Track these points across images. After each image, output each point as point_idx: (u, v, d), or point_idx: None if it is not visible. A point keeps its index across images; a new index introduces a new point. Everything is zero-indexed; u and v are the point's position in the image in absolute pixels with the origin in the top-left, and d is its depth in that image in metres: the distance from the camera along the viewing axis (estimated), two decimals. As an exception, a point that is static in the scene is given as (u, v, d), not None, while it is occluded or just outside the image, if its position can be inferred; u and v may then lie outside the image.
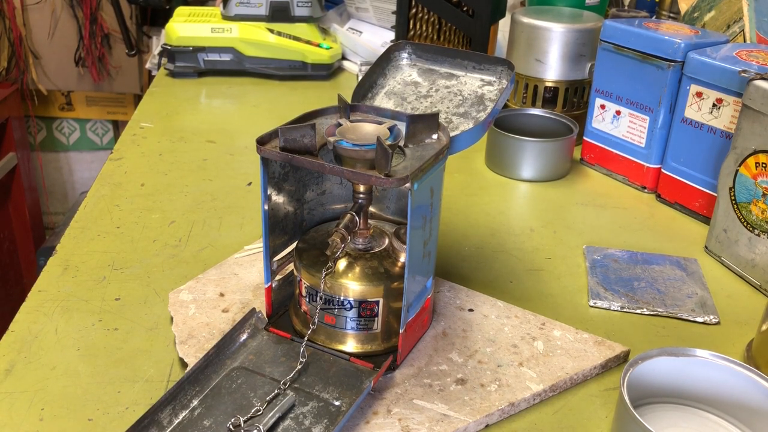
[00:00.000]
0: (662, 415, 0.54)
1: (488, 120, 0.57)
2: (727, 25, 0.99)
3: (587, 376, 0.57)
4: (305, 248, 0.58)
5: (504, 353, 0.58)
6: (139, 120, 1.06)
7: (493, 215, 0.83)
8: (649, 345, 0.62)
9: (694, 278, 0.71)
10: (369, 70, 0.64)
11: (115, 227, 0.76)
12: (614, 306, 0.66)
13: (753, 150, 0.70)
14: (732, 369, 0.51)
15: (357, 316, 0.55)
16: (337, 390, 0.51)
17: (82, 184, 2.30)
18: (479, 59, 0.63)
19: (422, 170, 0.49)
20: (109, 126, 2.40)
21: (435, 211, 0.55)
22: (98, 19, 2.20)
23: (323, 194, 0.63)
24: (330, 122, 0.55)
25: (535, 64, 1.00)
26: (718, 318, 0.65)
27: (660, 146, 0.88)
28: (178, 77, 1.26)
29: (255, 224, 0.78)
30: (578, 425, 0.53)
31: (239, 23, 1.25)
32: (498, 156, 0.94)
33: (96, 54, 2.24)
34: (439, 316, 0.62)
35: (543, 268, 0.73)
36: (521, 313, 0.63)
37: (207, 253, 0.72)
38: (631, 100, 0.89)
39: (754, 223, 0.70)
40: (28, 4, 2.17)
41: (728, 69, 0.76)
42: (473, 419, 0.51)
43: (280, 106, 1.16)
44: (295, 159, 0.50)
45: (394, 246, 0.57)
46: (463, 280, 0.68)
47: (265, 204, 0.55)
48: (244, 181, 0.87)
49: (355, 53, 1.36)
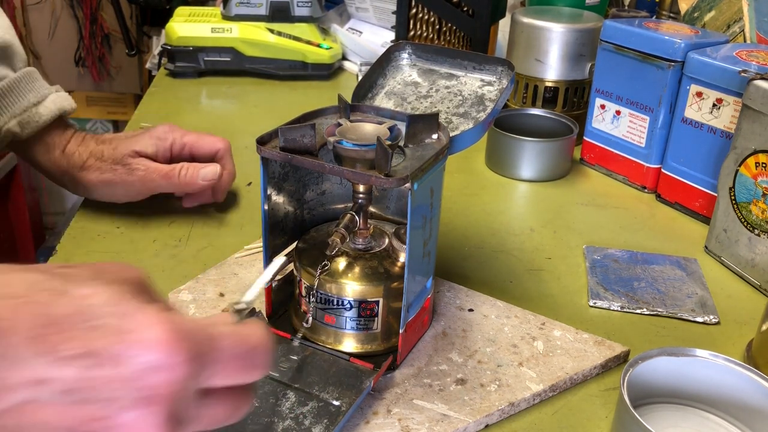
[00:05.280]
0: (662, 415, 0.54)
1: (488, 120, 0.57)
2: (727, 25, 0.99)
3: (587, 376, 0.57)
4: (305, 248, 0.58)
5: (504, 353, 0.58)
6: (139, 120, 1.06)
7: (493, 215, 0.83)
8: (649, 345, 0.62)
9: (694, 278, 0.71)
10: (369, 70, 0.64)
11: (115, 227, 0.76)
12: (614, 306, 0.66)
13: (753, 150, 0.70)
14: (732, 369, 0.51)
15: (357, 316, 0.55)
16: (337, 390, 0.51)
17: (82, 184, 2.29)
18: (479, 59, 0.63)
19: (422, 170, 0.49)
20: (109, 126, 2.40)
21: (435, 211, 0.55)
22: (98, 19, 2.20)
23: (323, 194, 0.63)
24: (330, 122, 0.55)
25: (535, 64, 1.00)
26: (718, 318, 0.65)
27: (660, 146, 0.88)
28: (178, 77, 1.26)
29: (255, 224, 0.78)
30: (578, 425, 0.53)
31: (239, 23, 1.25)
32: (498, 156, 0.94)
33: (96, 54, 2.24)
34: (439, 316, 0.62)
35: (543, 268, 0.73)
36: (521, 313, 0.63)
37: (207, 253, 0.72)
38: (631, 100, 0.89)
39: (754, 223, 0.70)
40: (28, 4, 2.17)
41: (728, 69, 0.76)
42: (473, 419, 0.51)
43: (280, 106, 1.16)
44: (295, 159, 0.50)
45: (394, 246, 0.57)
46: (463, 280, 0.68)
47: (265, 204, 0.55)
48: (244, 181, 0.87)
49: (355, 53, 1.36)
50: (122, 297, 0.32)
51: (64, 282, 0.32)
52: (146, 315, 0.32)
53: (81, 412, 0.31)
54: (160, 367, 0.31)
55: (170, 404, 0.32)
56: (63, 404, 0.30)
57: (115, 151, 0.74)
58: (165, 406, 0.32)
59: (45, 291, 0.31)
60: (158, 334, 0.31)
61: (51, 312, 0.30)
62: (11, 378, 0.29)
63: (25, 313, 0.30)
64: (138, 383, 0.31)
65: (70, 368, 0.30)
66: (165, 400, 0.32)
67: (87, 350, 0.30)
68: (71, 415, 0.31)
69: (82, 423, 0.31)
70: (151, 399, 0.31)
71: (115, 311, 0.32)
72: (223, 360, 0.34)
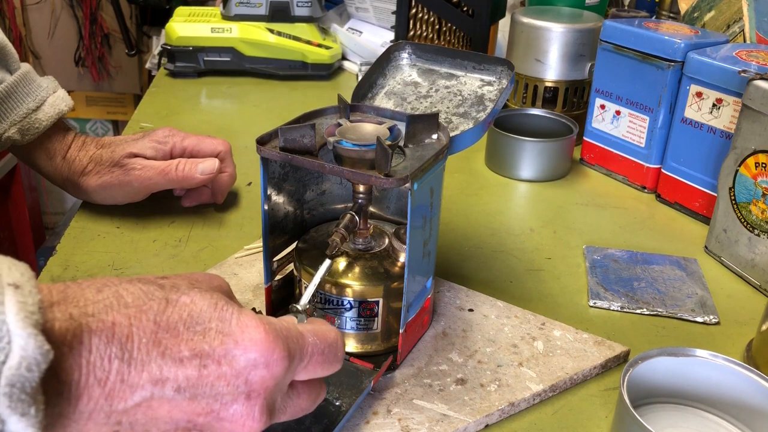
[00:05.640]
0: (662, 415, 0.54)
1: (488, 120, 0.57)
2: (727, 25, 0.99)
3: (587, 376, 0.57)
4: (305, 248, 0.58)
5: (504, 353, 0.58)
6: (139, 120, 1.06)
7: (493, 215, 0.83)
8: (649, 345, 0.62)
9: (694, 278, 0.71)
10: (369, 70, 0.64)
11: (115, 227, 0.76)
12: (614, 306, 0.66)
13: (753, 150, 0.70)
14: (732, 369, 0.51)
15: (357, 316, 0.55)
16: (337, 390, 0.51)
17: (82, 184, 2.29)
18: (479, 59, 0.63)
19: (422, 170, 0.49)
20: (109, 126, 2.40)
21: (435, 211, 0.55)
22: (98, 19, 2.20)
23: (323, 194, 0.63)
24: (330, 122, 0.55)
25: (535, 64, 1.00)
26: (718, 318, 0.65)
27: (660, 146, 0.88)
28: (178, 77, 1.26)
29: (255, 224, 0.78)
30: (578, 425, 0.53)
31: (239, 23, 1.25)
32: (498, 156, 0.94)
33: (96, 54, 2.24)
34: (439, 316, 0.62)
35: (543, 268, 0.73)
36: (521, 313, 0.63)
37: (207, 253, 0.72)
38: (631, 100, 0.89)
39: (754, 223, 0.70)
40: (28, 4, 2.17)
41: (728, 69, 0.76)
42: (473, 419, 0.51)
43: (280, 106, 1.16)
44: (295, 159, 0.50)
45: (394, 246, 0.57)
46: (463, 280, 0.68)
47: (265, 204, 0.55)
48: (244, 181, 0.87)
49: (355, 53, 1.36)
50: (219, 303, 0.37)
51: (168, 291, 0.36)
52: (244, 318, 0.36)
53: (192, 407, 0.35)
54: (260, 365, 0.36)
55: (267, 397, 0.37)
56: (177, 400, 0.34)
57: (113, 154, 0.74)
58: (263, 398, 0.36)
59: (154, 300, 0.35)
60: (257, 335, 0.36)
61: (163, 319, 0.35)
62: (137, 378, 0.33)
63: (142, 320, 0.34)
64: (242, 380, 0.35)
65: (184, 368, 0.34)
66: (263, 393, 0.36)
67: (197, 352, 0.35)
68: (184, 410, 0.35)
69: (193, 416, 0.35)
70: (252, 393, 0.36)
71: (217, 316, 0.36)
72: (309, 355, 0.39)
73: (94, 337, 0.32)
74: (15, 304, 0.29)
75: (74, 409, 0.32)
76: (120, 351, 0.33)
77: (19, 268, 0.31)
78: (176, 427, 0.35)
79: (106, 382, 0.32)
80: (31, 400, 0.29)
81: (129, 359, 0.33)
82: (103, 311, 0.33)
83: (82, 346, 0.32)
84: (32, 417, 0.29)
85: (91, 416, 0.32)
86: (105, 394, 0.32)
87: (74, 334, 0.32)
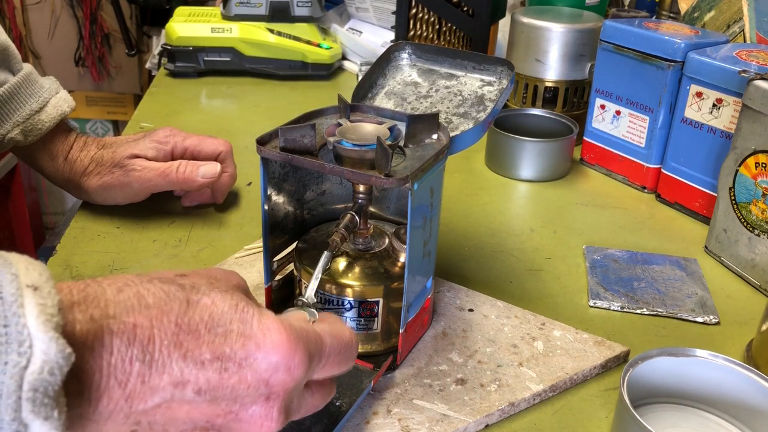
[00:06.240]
0: (662, 415, 0.54)
1: (488, 120, 0.57)
2: (727, 25, 0.99)
3: (587, 376, 0.57)
4: (305, 248, 0.58)
5: (504, 353, 0.58)
6: (139, 120, 1.06)
7: (493, 215, 0.83)
8: (649, 345, 0.62)
9: (694, 278, 0.71)
10: (369, 70, 0.64)
11: (115, 227, 0.76)
12: (614, 306, 0.66)
13: (753, 150, 0.70)
14: (732, 369, 0.51)
15: (357, 316, 0.55)
16: (337, 390, 0.51)
17: (82, 184, 2.29)
18: (479, 59, 0.63)
19: (422, 170, 0.49)
20: (109, 126, 2.40)
21: (435, 211, 0.55)
22: (98, 19, 2.20)
23: (323, 194, 0.63)
24: (330, 122, 0.55)
25: (535, 64, 1.00)
26: (718, 318, 0.65)
27: (660, 146, 0.88)
28: (178, 77, 1.26)
29: (255, 224, 0.78)
30: (578, 425, 0.53)
31: (239, 23, 1.25)
32: (498, 156, 0.94)
33: (96, 54, 2.24)
34: (439, 316, 0.62)
35: (543, 268, 0.73)
36: (521, 313, 0.63)
37: (207, 253, 0.72)
38: (631, 100, 0.89)
39: (754, 223, 0.70)
40: (28, 4, 2.17)
41: (728, 69, 0.76)
42: (473, 419, 0.51)
43: (280, 106, 1.16)
44: (295, 159, 0.50)
45: (394, 246, 0.57)
46: (463, 280, 0.68)
47: (265, 204, 0.55)
48: (244, 181, 0.87)
49: (355, 53, 1.36)
50: (239, 304, 0.37)
51: (188, 292, 0.36)
52: (265, 321, 0.36)
53: (211, 408, 0.35)
54: (281, 368, 0.36)
55: (286, 398, 0.37)
56: (197, 402, 0.34)
57: (114, 154, 0.74)
58: (282, 400, 0.36)
59: (175, 302, 0.35)
60: (279, 338, 0.36)
61: (185, 321, 0.35)
62: (158, 380, 0.33)
63: (163, 322, 0.34)
64: (262, 383, 0.35)
65: (205, 371, 0.34)
66: (283, 395, 0.36)
67: (218, 354, 0.35)
68: (203, 412, 0.35)
69: (212, 417, 0.35)
70: (272, 395, 0.36)
71: (238, 318, 0.36)
72: (327, 356, 0.40)
73: (115, 339, 0.32)
74: (35, 307, 0.29)
75: (94, 410, 0.32)
76: (141, 353, 0.33)
77: (36, 268, 0.31)
78: (194, 426, 0.35)
79: (126, 383, 0.32)
80: (53, 403, 0.28)
81: (150, 361, 0.33)
82: (124, 312, 0.33)
83: (103, 348, 0.32)
84: (55, 420, 0.29)
85: (111, 417, 0.32)
86: (125, 395, 0.32)
87: (95, 335, 0.32)
